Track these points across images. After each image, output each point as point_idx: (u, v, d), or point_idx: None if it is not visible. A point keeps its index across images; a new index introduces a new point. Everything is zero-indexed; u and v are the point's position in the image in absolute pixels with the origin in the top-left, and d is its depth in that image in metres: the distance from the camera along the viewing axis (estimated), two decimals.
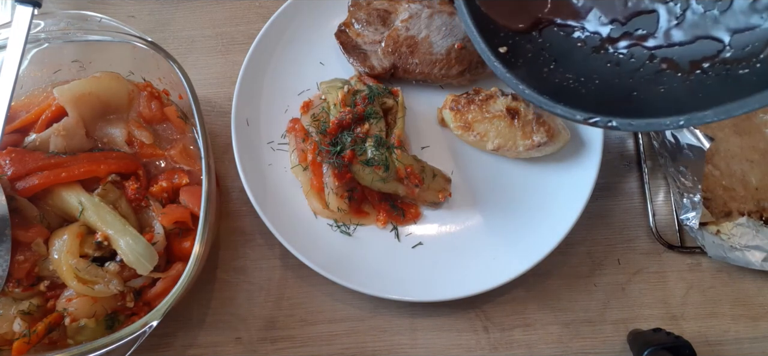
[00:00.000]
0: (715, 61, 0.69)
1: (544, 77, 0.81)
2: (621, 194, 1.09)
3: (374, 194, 1.01)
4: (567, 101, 0.73)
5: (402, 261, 1.00)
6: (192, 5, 1.26)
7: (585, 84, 0.78)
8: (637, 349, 0.93)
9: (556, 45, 0.84)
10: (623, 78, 0.77)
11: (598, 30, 0.82)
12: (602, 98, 0.76)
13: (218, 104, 1.17)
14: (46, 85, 0.99)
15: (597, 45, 0.82)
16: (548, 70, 0.82)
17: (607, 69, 0.79)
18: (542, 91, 0.76)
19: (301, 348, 1.00)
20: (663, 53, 0.75)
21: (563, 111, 0.72)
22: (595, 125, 0.70)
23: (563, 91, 0.77)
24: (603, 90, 0.77)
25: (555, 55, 0.84)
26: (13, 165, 0.86)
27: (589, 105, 0.72)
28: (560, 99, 0.74)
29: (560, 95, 0.75)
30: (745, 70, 0.65)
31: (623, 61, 0.78)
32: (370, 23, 1.12)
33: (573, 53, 0.83)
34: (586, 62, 0.81)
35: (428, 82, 1.12)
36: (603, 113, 0.69)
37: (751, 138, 1.07)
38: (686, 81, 0.71)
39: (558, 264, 1.03)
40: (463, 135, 1.04)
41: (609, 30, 0.81)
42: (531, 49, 0.85)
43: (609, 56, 0.80)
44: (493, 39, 0.84)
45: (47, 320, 0.84)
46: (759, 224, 0.99)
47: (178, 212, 0.91)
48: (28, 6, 0.84)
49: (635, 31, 0.79)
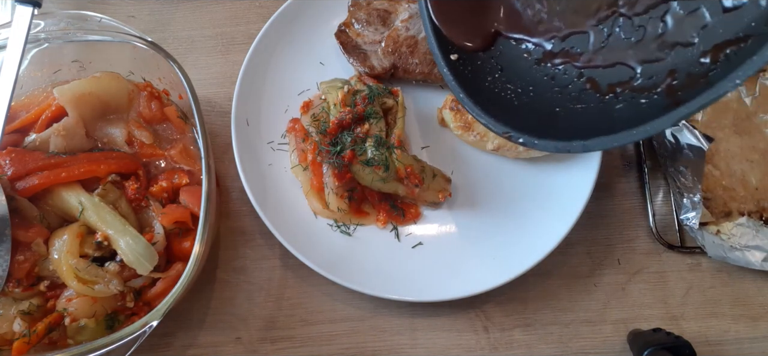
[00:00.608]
0: (626, 88, 0.77)
1: (485, 86, 0.89)
2: (621, 194, 1.09)
3: (374, 194, 1.01)
4: (497, 111, 0.83)
5: (402, 261, 1.00)
6: (192, 5, 1.26)
7: (521, 95, 0.87)
8: (637, 349, 0.93)
9: (506, 53, 0.92)
10: (554, 92, 0.84)
11: (542, 43, 0.89)
12: (530, 110, 0.84)
13: (218, 104, 1.17)
14: (46, 85, 0.99)
15: (539, 58, 0.89)
16: (492, 78, 0.90)
17: (544, 82, 0.86)
18: (479, 100, 0.85)
19: (301, 348, 1.00)
20: (589, 73, 0.82)
21: (487, 122, 0.82)
22: (509, 138, 0.79)
23: (498, 101, 0.86)
24: (534, 102, 0.85)
25: (503, 64, 0.91)
26: (13, 165, 0.86)
27: (516, 117, 0.82)
28: (492, 110, 0.83)
29: (495, 105, 0.85)
30: (645, 100, 0.73)
31: (558, 75, 0.86)
32: (370, 23, 1.12)
33: (519, 62, 0.90)
34: (528, 73, 0.88)
35: (428, 82, 1.12)
36: (521, 129, 0.78)
37: (751, 138, 1.07)
38: (601, 102, 0.78)
39: (558, 264, 1.03)
40: (463, 135, 1.04)
41: (551, 45, 0.88)
42: (481, 57, 0.93)
43: (547, 70, 0.87)
44: (447, 44, 0.92)
45: (47, 320, 0.84)
46: (759, 224, 0.99)
47: (178, 212, 0.91)
48: (28, 6, 0.84)
49: (570, 48, 0.86)
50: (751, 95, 1.09)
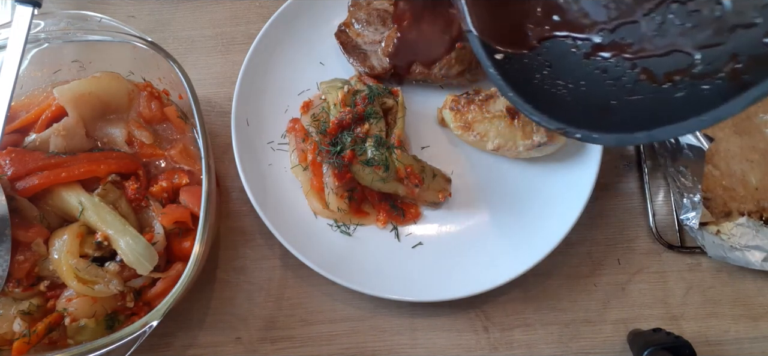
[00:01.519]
0: (685, 75, 0.74)
1: (534, 83, 0.86)
2: (621, 194, 1.09)
3: (374, 194, 1.01)
4: (549, 107, 0.80)
5: (402, 261, 1.00)
6: (192, 5, 1.26)
7: (573, 91, 0.83)
8: (637, 349, 0.93)
9: (553, 50, 0.88)
10: (607, 85, 0.81)
11: (590, 37, 0.86)
12: (584, 105, 0.81)
13: (218, 104, 1.17)
14: (46, 86, 0.99)
15: (588, 51, 0.86)
16: (541, 75, 0.87)
17: (595, 75, 0.83)
18: (529, 97, 0.82)
19: (301, 348, 1.00)
20: (643, 63, 0.80)
21: (540, 119, 0.79)
22: (565, 134, 0.77)
23: (549, 98, 0.83)
24: (587, 97, 0.82)
25: (550, 60, 0.88)
26: (13, 165, 0.86)
27: (569, 112, 0.78)
28: (543, 106, 0.80)
29: (545, 100, 0.81)
30: (707, 86, 0.70)
31: (610, 67, 0.83)
32: (370, 23, 1.12)
33: (567, 58, 0.87)
34: (578, 67, 0.85)
35: (428, 82, 1.12)
36: (577, 124, 0.75)
37: (751, 138, 1.07)
38: (658, 92, 0.76)
39: (558, 264, 1.03)
40: (463, 135, 1.04)
41: (600, 38, 0.85)
42: (528, 55, 0.89)
43: (598, 63, 0.84)
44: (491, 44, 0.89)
45: (47, 320, 0.84)
46: (759, 224, 0.99)
47: (178, 212, 0.91)
48: (28, 6, 0.84)
49: (621, 39, 0.83)
50: None
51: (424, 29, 1.08)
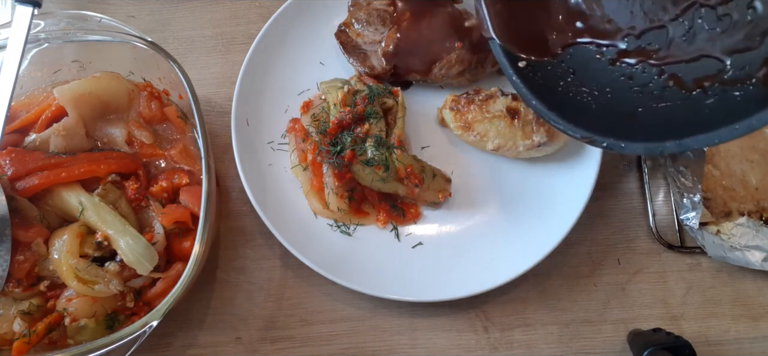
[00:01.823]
0: (715, 81, 0.71)
1: (558, 91, 0.84)
2: (621, 194, 1.09)
3: (374, 194, 1.01)
4: (574, 115, 0.78)
5: (402, 261, 1.00)
6: (192, 5, 1.26)
7: (598, 98, 0.81)
8: (637, 349, 0.93)
9: (577, 56, 0.86)
10: (634, 92, 0.79)
11: (615, 43, 0.84)
12: (609, 112, 0.79)
13: (218, 104, 1.17)
14: (46, 86, 0.99)
15: (613, 57, 0.84)
16: (565, 83, 0.85)
17: (621, 82, 0.81)
18: (553, 105, 0.80)
19: (301, 348, 1.00)
20: (671, 69, 0.77)
21: (565, 128, 0.77)
22: (591, 143, 0.75)
23: (574, 105, 0.81)
24: (612, 104, 0.80)
25: (574, 67, 0.86)
26: (13, 165, 0.86)
27: (595, 120, 0.76)
28: (568, 114, 0.78)
29: (569, 108, 0.79)
30: (739, 93, 0.68)
31: (636, 74, 0.80)
32: (370, 23, 1.12)
33: (591, 64, 0.85)
34: (603, 74, 0.83)
35: (428, 82, 1.12)
36: (603, 132, 0.73)
37: (751, 138, 1.07)
38: (687, 99, 0.73)
39: (558, 264, 1.03)
40: (463, 135, 1.04)
41: (625, 44, 0.83)
42: (551, 62, 0.87)
43: (623, 69, 0.82)
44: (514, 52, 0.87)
45: (47, 320, 0.84)
46: (759, 224, 0.99)
47: (178, 212, 0.91)
48: (28, 6, 0.84)
49: (647, 45, 0.81)
50: None
51: (424, 30, 1.08)
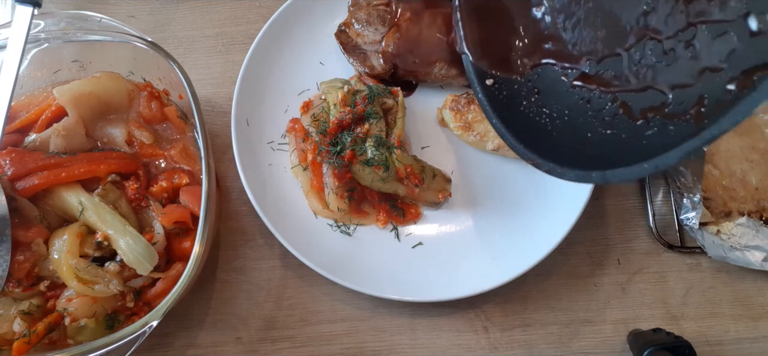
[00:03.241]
0: (658, 113, 0.76)
1: (520, 111, 0.91)
2: (621, 194, 1.09)
3: (374, 194, 1.01)
4: (529, 137, 0.85)
5: (402, 261, 1.00)
6: (192, 5, 1.26)
7: (555, 120, 0.88)
8: (637, 349, 0.93)
9: (544, 76, 0.92)
10: (588, 116, 0.85)
11: (578, 66, 0.90)
12: (562, 135, 0.85)
13: (218, 104, 1.17)
14: (46, 86, 0.99)
15: (575, 80, 0.90)
16: (528, 102, 0.91)
17: (579, 106, 0.87)
18: (511, 125, 0.87)
19: (301, 348, 1.00)
20: (623, 96, 0.83)
21: (516, 148, 0.84)
22: (536, 166, 0.81)
23: (532, 126, 0.88)
24: (567, 127, 0.86)
25: (540, 87, 0.92)
26: (13, 165, 0.86)
27: (548, 144, 0.83)
28: (525, 136, 0.85)
29: (527, 130, 0.87)
30: (673, 127, 0.72)
31: (594, 98, 0.86)
32: (370, 23, 1.12)
33: (556, 85, 0.91)
34: (565, 96, 0.89)
35: (428, 82, 1.12)
36: (550, 156, 0.79)
37: (751, 138, 1.07)
38: (632, 128, 0.79)
39: (558, 264, 1.03)
40: (463, 135, 1.04)
41: (588, 67, 0.88)
42: (519, 81, 0.94)
43: (582, 92, 0.87)
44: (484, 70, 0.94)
45: (47, 320, 0.84)
46: (759, 224, 0.99)
47: (178, 212, 0.91)
48: (28, 6, 0.84)
49: (605, 71, 0.86)
50: None
51: (424, 30, 1.08)
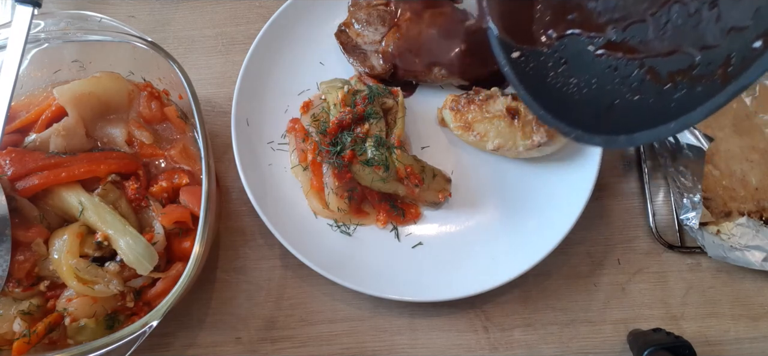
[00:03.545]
0: (686, 76, 0.76)
1: (547, 82, 0.88)
2: (621, 194, 1.09)
3: (374, 194, 1.01)
4: (556, 106, 0.83)
5: (402, 261, 1.00)
6: (192, 5, 1.26)
7: (582, 89, 0.86)
8: (637, 349, 0.93)
9: (570, 46, 0.91)
10: (615, 83, 0.84)
11: (604, 34, 0.88)
12: (590, 103, 0.84)
13: (218, 104, 1.17)
14: (46, 85, 0.99)
15: (602, 48, 0.88)
16: (555, 73, 0.89)
17: (606, 73, 0.85)
18: (539, 96, 0.85)
19: (301, 348, 1.00)
20: (650, 62, 0.82)
21: (544, 117, 0.83)
22: (564, 133, 0.81)
23: (560, 96, 0.86)
24: (595, 95, 0.85)
25: (567, 57, 0.90)
26: (13, 165, 0.86)
27: (574, 112, 0.82)
28: (552, 105, 0.84)
29: (555, 100, 0.85)
30: (702, 87, 0.72)
31: (621, 65, 0.85)
32: (370, 23, 1.12)
33: (583, 55, 0.89)
34: (593, 64, 0.87)
35: (428, 82, 1.12)
36: (575, 124, 0.79)
37: (751, 138, 1.07)
38: (659, 93, 0.78)
39: (558, 264, 1.03)
40: (463, 135, 1.04)
41: (614, 35, 0.87)
42: (545, 52, 0.92)
43: (609, 61, 0.86)
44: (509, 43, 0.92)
45: (47, 320, 0.84)
46: (759, 224, 0.99)
47: (178, 212, 0.91)
48: (28, 6, 0.84)
49: (631, 38, 0.85)
50: (750, 95, 1.09)
51: (424, 30, 1.08)
